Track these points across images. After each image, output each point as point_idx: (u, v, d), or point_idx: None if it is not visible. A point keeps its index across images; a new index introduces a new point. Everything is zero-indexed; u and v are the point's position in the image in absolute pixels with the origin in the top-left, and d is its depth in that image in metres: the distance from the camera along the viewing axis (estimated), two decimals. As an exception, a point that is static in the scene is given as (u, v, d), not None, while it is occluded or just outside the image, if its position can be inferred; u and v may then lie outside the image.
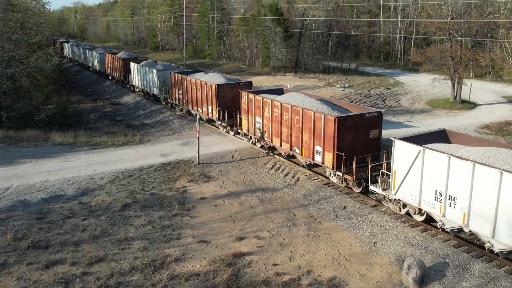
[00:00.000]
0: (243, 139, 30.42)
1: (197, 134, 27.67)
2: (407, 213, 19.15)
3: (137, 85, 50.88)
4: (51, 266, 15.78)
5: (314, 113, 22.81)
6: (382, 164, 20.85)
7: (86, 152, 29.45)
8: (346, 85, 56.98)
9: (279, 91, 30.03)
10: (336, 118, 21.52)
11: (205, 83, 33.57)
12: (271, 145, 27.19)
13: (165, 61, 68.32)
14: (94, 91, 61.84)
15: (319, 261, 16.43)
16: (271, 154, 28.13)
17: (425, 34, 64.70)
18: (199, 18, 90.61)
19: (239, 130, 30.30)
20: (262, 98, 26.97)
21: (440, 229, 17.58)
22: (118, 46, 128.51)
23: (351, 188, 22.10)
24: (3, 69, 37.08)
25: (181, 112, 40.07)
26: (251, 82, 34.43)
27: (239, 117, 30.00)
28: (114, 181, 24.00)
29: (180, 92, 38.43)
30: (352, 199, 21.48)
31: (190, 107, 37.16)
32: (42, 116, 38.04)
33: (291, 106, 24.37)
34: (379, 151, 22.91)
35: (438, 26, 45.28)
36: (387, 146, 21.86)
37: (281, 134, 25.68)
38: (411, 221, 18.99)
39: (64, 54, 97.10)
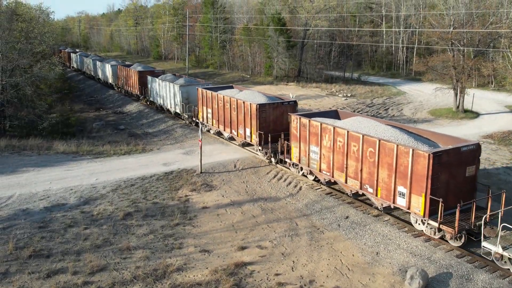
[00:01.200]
0: (289, 169, 26.47)
1: (200, 143, 27.71)
2: None
3: (155, 101, 46.45)
4: (52, 275, 15.75)
5: (397, 146, 18.45)
6: (486, 210, 17.71)
7: (88, 161, 29.50)
8: (349, 95, 57.05)
9: (334, 114, 26.08)
10: (431, 154, 17.11)
11: (243, 102, 29.23)
12: (331, 180, 22.77)
13: (168, 70, 68.62)
14: (97, 100, 62.10)
15: (322, 271, 16.35)
16: (274, 164, 28.08)
17: (427, 44, 64.93)
18: (202, 28, 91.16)
19: (286, 159, 25.98)
20: (321, 124, 22.51)
21: None
22: (121, 55, 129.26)
23: (446, 241, 17.85)
24: (7, 78, 37.32)
25: (210, 133, 35.77)
26: (295, 102, 29.64)
27: (286, 143, 25.88)
28: (116, 190, 24.00)
29: (209, 111, 33.92)
30: (355, 209, 21.40)
31: (222, 128, 32.68)
32: (45, 125, 38.23)
33: (363, 136, 20.01)
34: (475, 193, 18.95)
35: (441, 36, 45.39)
36: (488, 187, 19.07)
37: (346, 168, 21.30)
38: (414, 231, 18.89)
39: (71, 65, 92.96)
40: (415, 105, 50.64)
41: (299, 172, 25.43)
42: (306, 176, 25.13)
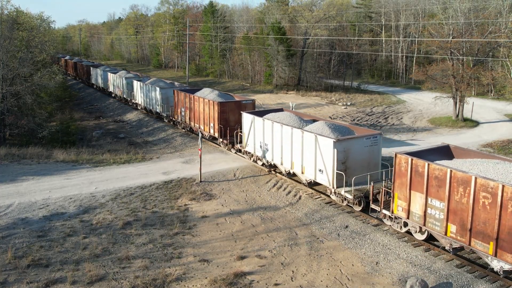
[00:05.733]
0: None
1: (199, 152, 27.71)
2: None
3: (259, 153, 28.74)
4: (51, 285, 15.67)
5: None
6: None
7: (88, 169, 29.49)
8: (348, 103, 57.16)
9: None
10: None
11: None
12: None
13: (168, 79, 68.69)
14: (97, 108, 62.18)
15: (321, 281, 16.29)
16: (273, 172, 28.06)
17: (426, 53, 65.17)
18: (202, 37, 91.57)
19: None
20: None
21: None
22: (122, 63, 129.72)
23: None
24: (7, 86, 37.41)
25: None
26: None
27: None
28: (116, 199, 23.97)
29: (441, 205, 17.30)
30: (354, 218, 21.36)
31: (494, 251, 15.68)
32: (45, 134, 38.29)
33: None
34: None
35: (440, 45, 45.59)
36: None
37: None
38: (414, 241, 18.84)
39: (91, 82, 76.32)
40: (415, 114, 50.71)
41: None
42: None
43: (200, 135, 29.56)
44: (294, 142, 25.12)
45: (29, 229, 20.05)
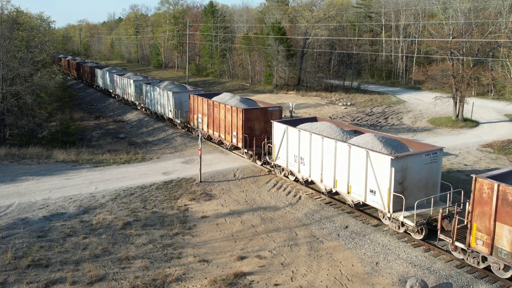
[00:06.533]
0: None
1: (199, 152, 27.71)
2: None
3: (302, 172, 25.14)
4: (51, 285, 15.67)
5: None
6: None
7: (88, 170, 29.49)
8: (348, 103, 57.17)
9: None
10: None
11: None
12: None
13: (168, 79, 68.58)
14: (97, 108, 62.18)
15: (321, 281, 16.29)
16: (273, 172, 28.07)
17: (426, 53, 65.20)
18: (202, 37, 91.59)
19: None
20: None
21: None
22: (122, 63, 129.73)
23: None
24: (7, 86, 37.41)
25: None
26: None
27: None
28: (116, 199, 23.97)
29: None
30: (354, 219, 21.37)
31: None
32: (45, 134, 38.30)
33: None
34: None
35: (440, 45, 45.61)
36: None
37: None
38: (414, 241, 18.84)
39: (95, 83, 73.63)
40: (415, 114, 50.71)
41: None
42: None
43: (200, 135, 29.53)
44: (339, 157, 21.88)
45: (29, 229, 20.05)
